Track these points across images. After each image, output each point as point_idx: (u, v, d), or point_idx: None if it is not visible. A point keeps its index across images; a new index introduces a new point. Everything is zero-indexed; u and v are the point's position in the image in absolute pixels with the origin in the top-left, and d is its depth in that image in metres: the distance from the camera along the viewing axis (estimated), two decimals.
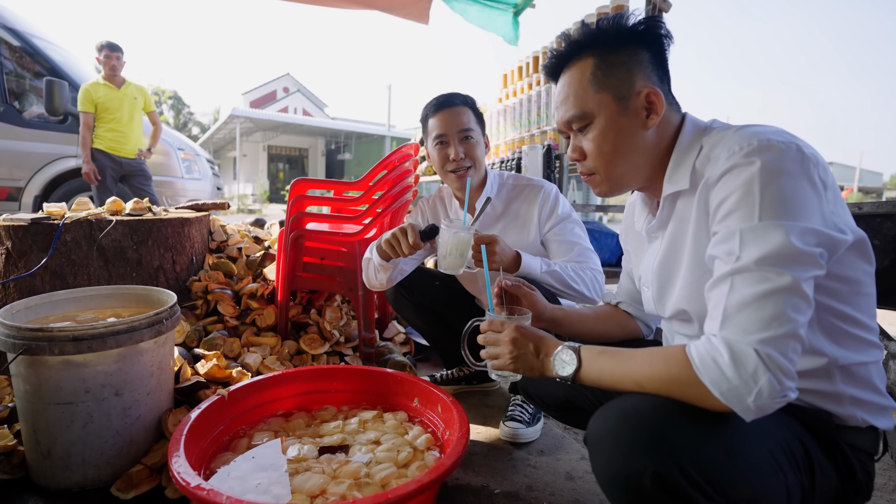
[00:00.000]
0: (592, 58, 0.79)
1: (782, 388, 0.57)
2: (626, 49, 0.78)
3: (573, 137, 0.84)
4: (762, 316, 0.58)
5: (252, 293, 1.91)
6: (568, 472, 1.26)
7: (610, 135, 0.79)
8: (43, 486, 1.12)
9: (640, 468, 0.61)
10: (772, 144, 0.64)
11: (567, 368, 0.75)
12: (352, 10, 3.14)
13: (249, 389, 1.29)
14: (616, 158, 0.80)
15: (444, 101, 1.45)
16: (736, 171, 0.65)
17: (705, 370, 0.60)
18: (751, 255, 0.61)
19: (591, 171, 0.83)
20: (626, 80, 0.78)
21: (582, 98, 0.80)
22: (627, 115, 0.78)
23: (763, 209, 0.61)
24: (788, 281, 0.58)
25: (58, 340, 1.04)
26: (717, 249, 0.66)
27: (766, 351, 0.57)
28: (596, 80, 0.79)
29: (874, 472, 0.74)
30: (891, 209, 1.16)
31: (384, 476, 1.03)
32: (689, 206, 0.76)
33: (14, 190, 4.00)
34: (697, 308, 0.77)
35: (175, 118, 31.00)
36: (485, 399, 1.73)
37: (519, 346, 0.82)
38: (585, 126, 0.81)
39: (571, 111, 0.81)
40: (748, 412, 0.58)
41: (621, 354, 0.72)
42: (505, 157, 3.00)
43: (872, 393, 0.71)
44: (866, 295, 0.70)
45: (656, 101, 0.77)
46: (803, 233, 0.60)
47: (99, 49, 3.56)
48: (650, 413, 0.64)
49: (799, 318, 0.58)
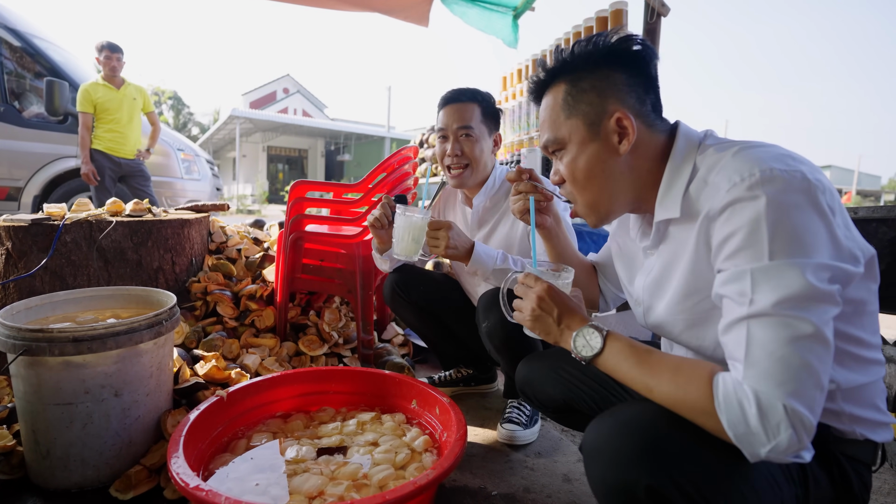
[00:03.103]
0: (564, 83, 0.80)
1: (800, 445, 0.55)
2: (598, 72, 0.77)
3: (554, 162, 0.85)
4: (787, 367, 0.56)
5: (251, 294, 1.91)
6: (565, 474, 1.27)
7: (580, 161, 0.79)
8: (42, 486, 1.12)
9: (635, 480, 0.61)
10: (775, 175, 0.61)
11: (589, 350, 0.74)
12: (352, 12, 3.15)
13: (248, 391, 1.29)
14: (589, 185, 0.80)
15: (452, 97, 1.48)
16: (739, 205, 0.63)
17: (727, 409, 0.58)
18: (767, 299, 0.58)
19: (569, 198, 0.85)
20: (596, 105, 0.77)
21: (555, 123, 0.81)
22: (599, 141, 0.77)
23: (773, 248, 0.59)
24: (811, 329, 0.56)
25: (58, 341, 1.04)
26: (726, 289, 0.64)
27: (793, 406, 0.55)
28: (567, 106, 0.79)
29: (871, 482, 0.74)
30: (885, 214, 1.17)
31: (382, 477, 1.04)
32: (684, 233, 0.74)
33: (13, 190, 4.00)
34: (678, 329, 0.78)
35: (175, 118, 30.99)
36: (482, 401, 1.73)
37: (543, 306, 0.80)
38: (560, 150, 0.82)
39: (546, 135, 0.83)
40: (755, 457, 0.58)
41: (647, 356, 0.69)
42: (504, 159, 3.01)
43: (872, 410, 0.71)
44: (870, 312, 0.69)
45: (628, 125, 0.75)
46: (818, 269, 0.58)
47: (99, 49, 3.57)
48: (646, 425, 0.64)
49: (822, 368, 0.57)
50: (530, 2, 3.07)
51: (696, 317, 0.75)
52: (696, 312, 0.75)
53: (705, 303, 0.72)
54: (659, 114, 0.80)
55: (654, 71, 0.79)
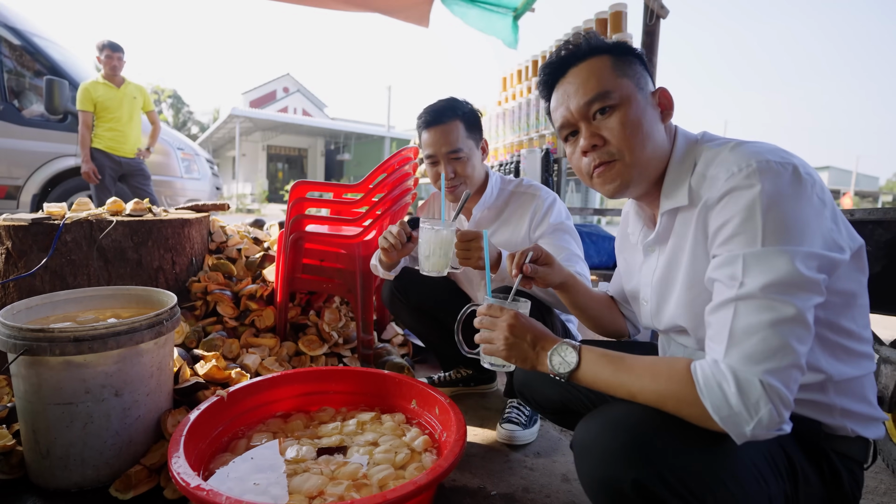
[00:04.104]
0: (607, 56, 0.80)
1: (780, 419, 0.58)
2: (631, 58, 0.81)
3: (587, 126, 0.79)
4: (768, 346, 0.59)
5: (251, 294, 1.91)
6: (564, 474, 1.27)
7: (639, 115, 0.77)
8: (41, 486, 1.13)
9: (622, 475, 0.62)
10: (770, 166, 0.64)
11: (565, 366, 0.75)
12: (352, 12, 3.15)
13: (248, 390, 1.30)
14: (646, 140, 0.77)
15: (433, 119, 1.43)
16: (736, 193, 0.66)
17: (709, 393, 0.61)
18: (756, 282, 0.61)
19: (613, 156, 0.78)
20: (642, 76, 0.80)
21: (606, 79, 0.78)
22: (650, 105, 0.79)
23: (766, 234, 0.62)
24: (793, 312, 0.59)
25: (59, 341, 1.05)
26: (718, 273, 0.66)
27: (770, 382, 0.58)
28: (617, 68, 0.79)
29: (863, 480, 0.75)
30: (881, 216, 1.17)
31: (382, 477, 1.04)
32: (686, 224, 0.76)
33: (13, 188, 4.00)
34: (693, 324, 0.77)
35: (174, 117, 30.96)
36: (482, 401, 1.74)
37: (516, 333, 0.80)
38: (609, 108, 0.77)
39: (595, 90, 0.77)
40: (742, 437, 0.60)
41: (623, 361, 0.71)
42: (504, 160, 3.01)
43: (863, 404, 0.72)
44: (861, 306, 0.71)
45: (670, 100, 0.80)
46: (806, 257, 0.61)
47: (100, 48, 3.57)
48: (633, 422, 0.66)
49: (801, 349, 0.59)
50: (530, 3, 3.08)
51: (701, 310, 0.75)
52: (697, 305, 0.75)
53: (706, 294, 0.73)
54: None
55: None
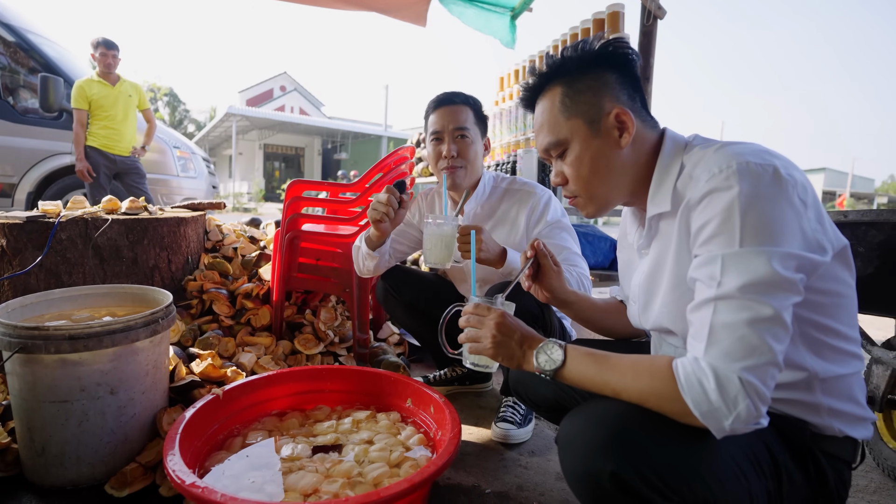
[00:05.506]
0: (560, 86, 0.83)
1: (758, 414, 0.60)
2: (591, 74, 0.81)
3: (554, 163, 0.87)
4: (746, 345, 0.60)
5: (247, 293, 1.92)
6: (558, 472, 1.28)
7: (585, 158, 0.81)
8: (37, 483, 1.12)
9: (600, 469, 0.64)
10: (750, 168, 0.65)
11: (551, 364, 0.77)
12: (350, 11, 3.15)
13: (244, 389, 1.30)
14: (594, 180, 0.82)
15: (444, 99, 1.47)
16: (716, 194, 0.67)
17: (690, 390, 0.62)
18: (734, 282, 0.63)
19: (573, 193, 0.86)
20: (593, 104, 0.80)
21: (555, 126, 0.83)
22: (600, 137, 0.80)
23: (744, 235, 0.63)
24: (770, 312, 0.61)
25: (54, 339, 1.05)
26: (698, 273, 0.68)
27: (747, 378, 0.59)
28: (565, 108, 0.82)
29: (850, 480, 0.75)
30: (874, 217, 1.18)
31: (376, 475, 1.05)
32: (671, 227, 0.78)
33: (7, 186, 3.97)
34: (679, 326, 0.78)
35: (171, 115, 30.83)
36: (477, 400, 1.75)
37: (504, 331, 0.82)
38: (563, 152, 0.84)
39: (547, 139, 0.85)
40: (721, 432, 0.61)
41: (607, 360, 0.73)
42: (500, 160, 3.02)
43: (851, 404, 0.72)
44: (847, 306, 0.72)
45: (626, 119, 0.79)
46: (784, 258, 0.62)
47: (95, 46, 3.54)
48: (615, 417, 0.67)
49: (778, 347, 0.61)
50: (528, 2, 3.09)
51: (685, 310, 0.76)
52: (682, 305, 0.76)
53: (689, 295, 0.74)
54: (648, 111, 0.84)
55: (638, 72, 0.84)
